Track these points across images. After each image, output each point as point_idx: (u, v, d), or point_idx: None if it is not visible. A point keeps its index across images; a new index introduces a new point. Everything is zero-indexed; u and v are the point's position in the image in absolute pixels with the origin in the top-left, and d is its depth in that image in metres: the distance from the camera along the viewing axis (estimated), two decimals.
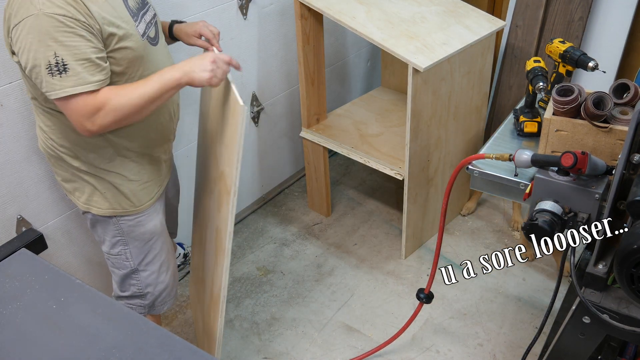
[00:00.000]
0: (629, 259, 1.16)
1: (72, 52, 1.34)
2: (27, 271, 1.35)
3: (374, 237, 2.80)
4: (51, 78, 1.34)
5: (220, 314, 1.68)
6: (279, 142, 2.99)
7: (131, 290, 1.84)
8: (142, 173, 1.69)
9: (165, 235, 1.85)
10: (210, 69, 1.48)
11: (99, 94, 1.40)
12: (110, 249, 1.77)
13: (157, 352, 1.15)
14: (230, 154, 1.51)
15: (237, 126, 1.44)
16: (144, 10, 1.57)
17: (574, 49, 1.67)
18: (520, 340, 2.24)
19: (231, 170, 1.51)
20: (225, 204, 1.57)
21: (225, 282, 1.62)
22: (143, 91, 1.44)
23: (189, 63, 1.49)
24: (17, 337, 1.18)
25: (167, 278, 1.86)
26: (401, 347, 2.23)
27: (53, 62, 1.32)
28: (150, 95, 1.45)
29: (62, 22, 1.31)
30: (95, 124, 1.41)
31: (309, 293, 2.50)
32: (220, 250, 1.65)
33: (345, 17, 2.24)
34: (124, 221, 1.71)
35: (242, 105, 1.42)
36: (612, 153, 1.43)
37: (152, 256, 1.80)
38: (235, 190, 1.51)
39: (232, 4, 2.39)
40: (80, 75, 1.35)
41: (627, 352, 1.73)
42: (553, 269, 2.54)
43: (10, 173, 1.85)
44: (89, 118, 1.40)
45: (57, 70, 1.33)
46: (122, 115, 1.43)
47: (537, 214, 1.36)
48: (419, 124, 2.28)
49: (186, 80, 1.48)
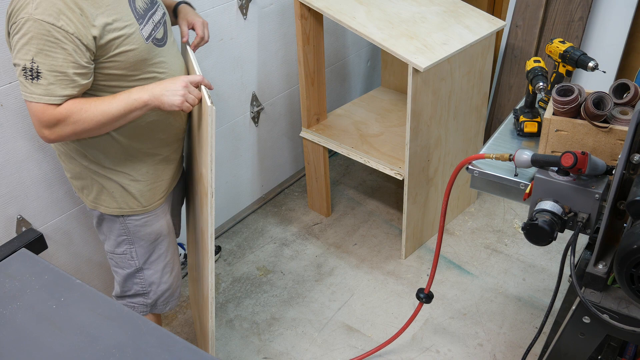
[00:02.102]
0: (629, 259, 1.16)
1: (49, 62, 1.35)
2: (27, 271, 1.35)
3: (374, 237, 2.80)
4: (24, 80, 1.37)
5: (210, 315, 1.68)
6: (279, 142, 2.99)
7: (134, 289, 1.83)
8: (150, 173, 1.69)
9: (172, 237, 1.85)
10: (182, 93, 1.47)
11: (62, 106, 1.41)
12: (115, 248, 1.76)
13: (157, 352, 1.15)
14: (205, 155, 1.51)
15: (207, 127, 1.44)
16: (152, 9, 1.57)
17: (574, 49, 1.67)
18: (520, 340, 2.24)
19: (207, 171, 1.50)
20: (205, 205, 1.57)
21: (212, 283, 1.63)
22: (107, 109, 1.44)
23: (159, 85, 1.48)
24: (17, 337, 1.18)
25: (170, 279, 1.86)
26: (401, 347, 2.23)
27: (29, 66, 1.35)
28: (113, 114, 1.45)
29: (48, 31, 1.33)
30: (53, 132, 1.43)
31: (309, 293, 2.50)
32: (205, 251, 1.65)
33: (345, 17, 2.24)
34: (131, 221, 1.71)
35: (209, 105, 1.42)
36: (612, 153, 1.43)
37: (156, 256, 1.80)
38: (212, 192, 1.51)
39: (232, 4, 2.39)
40: (49, 87, 1.37)
41: (627, 352, 1.73)
42: (553, 269, 2.54)
43: (11, 173, 1.85)
44: (47, 127, 1.41)
45: (30, 75, 1.36)
46: (81, 129, 1.44)
47: (537, 214, 1.36)
48: (419, 124, 2.28)
49: (155, 103, 1.47)
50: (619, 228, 1.36)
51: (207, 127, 1.45)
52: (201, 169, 1.60)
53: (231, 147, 2.70)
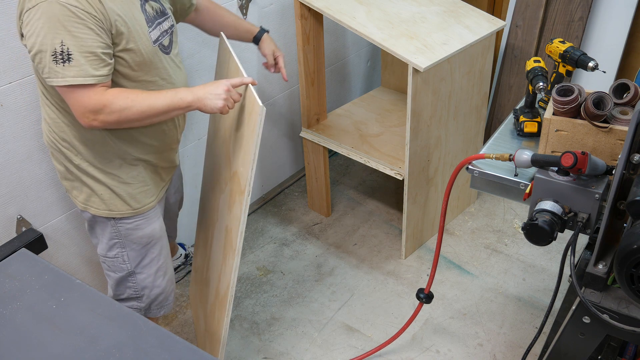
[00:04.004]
0: (629, 259, 1.16)
1: (78, 43, 1.35)
2: (27, 271, 1.35)
3: (374, 237, 2.80)
4: (55, 65, 1.36)
5: (226, 313, 1.68)
6: (279, 142, 2.99)
7: (127, 293, 1.83)
8: (139, 177, 1.69)
9: (164, 241, 1.84)
10: (224, 97, 1.50)
11: (109, 92, 1.42)
12: (107, 252, 1.76)
13: (157, 352, 1.15)
14: (246, 154, 1.53)
15: (255, 127, 1.45)
16: (161, 19, 1.59)
17: (574, 49, 1.67)
18: (520, 340, 2.24)
19: (246, 170, 1.52)
20: (238, 203, 1.58)
21: (234, 280, 1.63)
22: (152, 102, 1.47)
23: (203, 89, 1.50)
24: (17, 337, 1.18)
25: (163, 283, 1.85)
26: (401, 347, 2.23)
27: (59, 49, 1.34)
28: (158, 109, 1.48)
29: (73, 13, 1.33)
30: (97, 119, 1.43)
31: (309, 293, 2.50)
32: (229, 249, 1.65)
33: (345, 17, 2.24)
34: (122, 224, 1.71)
35: (261, 106, 1.42)
36: (612, 153, 1.43)
37: (149, 260, 1.80)
38: (250, 190, 1.52)
39: (232, 4, 2.39)
40: (83, 67, 1.37)
41: (627, 352, 1.73)
42: (553, 269, 2.54)
43: (11, 173, 1.85)
44: (93, 112, 1.42)
45: (61, 59, 1.35)
46: (125, 118, 1.45)
47: (537, 214, 1.36)
48: (419, 124, 2.28)
49: (198, 105, 1.50)
50: (619, 228, 1.36)
51: (255, 126, 1.46)
52: (237, 168, 1.61)
53: None
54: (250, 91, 1.53)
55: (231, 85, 1.52)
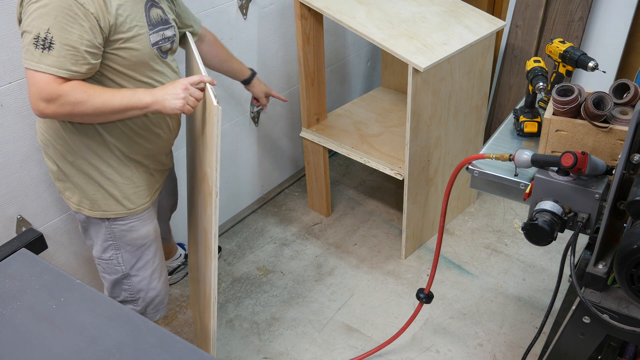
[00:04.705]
0: (629, 259, 1.16)
1: (64, 35, 1.35)
2: (27, 271, 1.35)
3: (374, 237, 2.80)
4: (34, 49, 1.35)
5: (212, 315, 1.68)
6: (279, 142, 2.99)
7: (123, 296, 1.83)
8: (133, 178, 1.69)
9: (159, 243, 1.84)
10: (183, 96, 1.48)
11: (67, 83, 1.40)
12: (101, 254, 1.76)
13: (157, 352, 1.15)
14: (210, 154, 1.51)
15: (213, 126, 1.44)
16: (164, 26, 1.60)
17: (574, 49, 1.67)
18: (520, 340, 2.24)
19: (212, 171, 1.50)
20: (209, 205, 1.57)
21: (214, 283, 1.62)
22: (108, 100, 1.44)
23: (162, 90, 1.49)
24: (17, 337, 1.18)
25: (159, 285, 1.85)
26: (401, 347, 2.23)
27: (42, 35, 1.34)
28: (113, 107, 1.45)
29: (70, 6, 1.34)
30: (49, 107, 1.40)
31: (309, 293, 2.50)
32: (207, 251, 1.65)
33: (346, 17, 2.24)
34: (117, 225, 1.71)
35: (216, 105, 1.41)
36: (612, 153, 1.43)
37: (144, 262, 1.79)
38: (217, 192, 1.50)
39: (232, 4, 2.39)
40: (60, 59, 1.36)
41: (627, 352, 1.73)
42: (553, 269, 2.54)
43: (10, 173, 1.85)
44: (46, 100, 1.39)
45: (42, 45, 1.35)
46: (78, 112, 1.43)
47: (537, 214, 1.36)
48: (419, 124, 2.28)
49: (157, 107, 1.49)
50: (619, 228, 1.36)
51: (212, 126, 1.45)
52: (205, 169, 1.60)
53: (231, 147, 2.70)
54: (207, 91, 1.51)
55: (189, 83, 1.50)
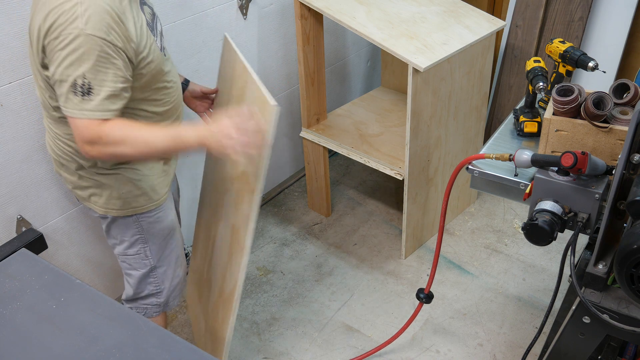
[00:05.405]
0: (629, 259, 1.16)
1: (100, 77, 1.33)
2: (27, 271, 1.35)
3: (374, 237, 2.80)
4: (73, 96, 1.33)
5: (232, 312, 1.68)
6: (279, 142, 2.99)
7: (148, 290, 1.83)
8: (155, 168, 1.69)
9: (179, 230, 1.87)
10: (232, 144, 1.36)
11: (106, 124, 1.37)
12: (128, 249, 1.75)
13: (157, 352, 1.15)
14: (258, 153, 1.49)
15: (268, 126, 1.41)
16: (155, 20, 1.59)
17: (574, 49, 1.67)
18: (520, 340, 2.24)
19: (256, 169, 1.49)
20: (247, 202, 1.56)
21: (241, 279, 1.62)
22: (151, 140, 1.40)
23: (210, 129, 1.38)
24: (17, 337, 1.18)
25: (181, 272, 1.88)
26: (401, 347, 2.23)
27: (80, 82, 1.32)
28: (157, 148, 1.41)
29: (100, 47, 1.31)
30: (94, 149, 1.39)
31: (309, 293, 2.50)
32: (237, 247, 1.65)
33: (346, 17, 2.24)
34: (144, 218, 1.71)
35: (273, 105, 1.38)
36: (612, 153, 1.43)
37: (169, 251, 1.81)
38: (261, 189, 1.50)
39: (232, 3, 2.39)
40: (102, 103, 1.35)
41: (627, 352, 1.73)
42: (553, 269, 2.54)
43: (11, 173, 1.85)
44: (89, 143, 1.38)
45: (80, 92, 1.32)
46: (120, 153, 1.40)
47: (537, 214, 1.36)
48: (419, 124, 2.28)
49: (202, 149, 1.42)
50: (619, 228, 1.36)
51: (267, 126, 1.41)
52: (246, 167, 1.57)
53: None
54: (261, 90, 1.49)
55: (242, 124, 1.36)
